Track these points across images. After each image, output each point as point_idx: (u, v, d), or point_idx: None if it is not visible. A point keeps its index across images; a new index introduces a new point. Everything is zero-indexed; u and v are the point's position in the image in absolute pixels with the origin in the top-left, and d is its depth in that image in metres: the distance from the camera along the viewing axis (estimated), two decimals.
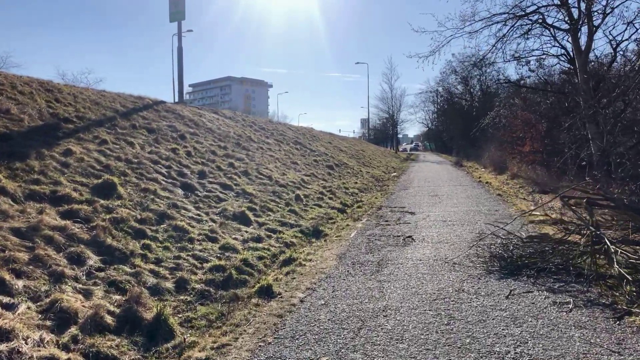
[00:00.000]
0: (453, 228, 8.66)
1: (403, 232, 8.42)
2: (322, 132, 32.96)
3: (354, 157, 26.53)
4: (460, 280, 5.39)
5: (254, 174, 12.22)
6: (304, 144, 21.21)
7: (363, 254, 6.83)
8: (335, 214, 11.04)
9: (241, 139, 15.80)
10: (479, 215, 10.07)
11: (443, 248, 7.04)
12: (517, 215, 8.17)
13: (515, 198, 13.17)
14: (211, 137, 14.19)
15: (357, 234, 8.46)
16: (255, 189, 10.98)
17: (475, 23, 15.17)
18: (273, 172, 13.31)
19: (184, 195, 8.79)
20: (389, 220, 9.82)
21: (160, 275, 5.48)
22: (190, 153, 11.58)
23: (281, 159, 16.03)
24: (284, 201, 10.82)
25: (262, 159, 14.43)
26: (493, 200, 12.65)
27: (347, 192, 14.77)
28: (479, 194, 13.92)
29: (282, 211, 9.92)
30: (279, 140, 19.46)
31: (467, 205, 11.69)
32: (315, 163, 18.30)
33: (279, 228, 8.62)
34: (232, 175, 11.17)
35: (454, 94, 48.02)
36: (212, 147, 13.03)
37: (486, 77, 37.02)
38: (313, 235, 8.83)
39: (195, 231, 7.09)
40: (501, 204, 11.91)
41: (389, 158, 38.23)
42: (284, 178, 13.21)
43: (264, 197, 10.47)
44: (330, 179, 16.28)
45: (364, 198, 14.02)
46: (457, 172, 23.88)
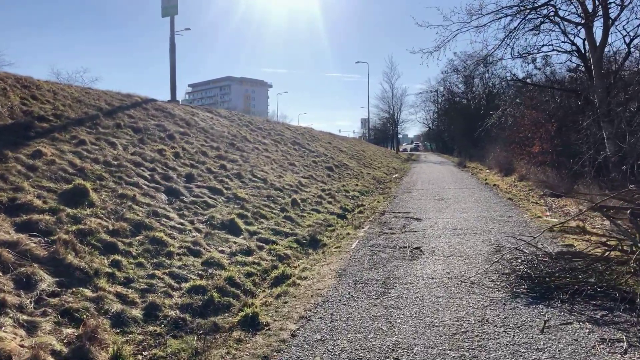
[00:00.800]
0: (465, 238, 7.82)
1: (410, 243, 7.59)
2: (321, 132, 32.13)
3: (355, 157, 25.71)
4: (482, 306, 4.55)
5: (247, 177, 11.39)
6: (302, 145, 20.38)
7: (366, 270, 5.99)
8: (335, 220, 10.20)
9: (236, 139, 14.97)
10: (491, 222, 9.24)
11: (457, 263, 6.21)
12: (546, 227, 7.23)
13: (527, 202, 12.35)
14: (203, 137, 13.36)
15: (358, 244, 7.62)
16: (248, 193, 10.15)
17: (483, 17, 14.36)
18: (268, 175, 12.48)
19: (168, 201, 7.95)
20: (394, 228, 8.99)
21: (127, 299, 4.64)
22: (179, 154, 10.75)
23: (278, 160, 15.20)
24: (279, 206, 9.99)
25: (258, 161, 13.60)
26: (504, 204, 11.82)
27: (348, 195, 13.93)
28: (488, 198, 13.09)
29: (276, 218, 9.09)
30: (276, 140, 18.63)
31: (476, 210, 10.86)
32: (314, 164, 17.47)
33: (273, 238, 7.79)
34: (223, 179, 10.34)
35: (455, 94, 47.22)
36: (204, 148, 12.20)
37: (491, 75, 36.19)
38: (310, 245, 7.99)
39: (175, 244, 6.25)
40: (513, 208, 11.08)
41: (390, 158, 37.40)
42: (280, 181, 12.38)
43: (257, 202, 9.64)
44: (330, 181, 15.45)
45: (366, 202, 13.19)
46: (461, 173, 23.05)
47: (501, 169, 20.64)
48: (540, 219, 9.46)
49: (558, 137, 16.50)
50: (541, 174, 15.99)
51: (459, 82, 44.46)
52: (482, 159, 27.84)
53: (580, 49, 16.72)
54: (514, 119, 19.80)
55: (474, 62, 15.35)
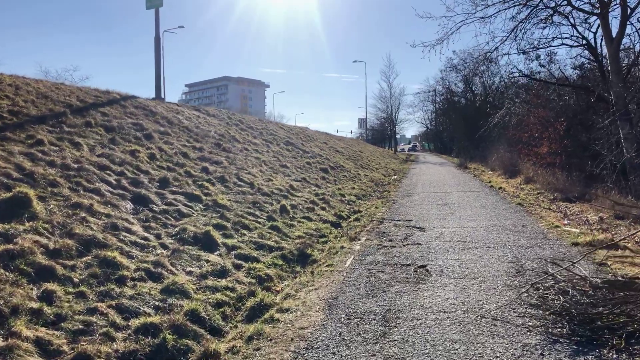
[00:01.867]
0: (477, 253, 6.77)
1: (413, 259, 6.53)
2: (317, 132, 31.06)
3: (351, 158, 24.65)
4: (512, 356, 3.49)
5: (232, 181, 10.31)
6: (296, 145, 19.30)
7: (362, 299, 4.93)
8: (328, 229, 9.13)
9: (223, 139, 13.88)
10: (504, 232, 8.19)
11: (471, 288, 5.15)
12: (588, 250, 6.03)
13: (539, 208, 11.30)
14: (185, 137, 12.27)
15: (354, 261, 6.55)
16: (231, 199, 9.07)
17: (488, 7, 13.36)
18: (256, 178, 11.40)
19: (133, 210, 6.87)
20: (394, 240, 7.93)
21: (50, 348, 3.56)
22: (154, 156, 9.66)
23: (269, 161, 14.12)
24: (265, 214, 8.91)
25: (245, 162, 12.51)
26: (514, 210, 10.77)
27: (343, 200, 12.86)
28: (495, 203, 12.05)
29: (261, 228, 8.01)
30: (268, 140, 17.55)
31: (485, 217, 9.81)
32: (308, 166, 16.40)
33: (254, 253, 6.71)
34: (203, 183, 9.26)
35: (455, 93, 46.25)
36: (185, 149, 11.11)
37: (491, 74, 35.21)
38: (298, 261, 6.92)
39: (131, 265, 5.17)
40: (525, 216, 10.03)
41: (388, 159, 36.36)
42: (270, 184, 11.30)
43: (240, 210, 8.56)
44: (324, 185, 14.38)
45: (363, 207, 12.12)
46: (463, 175, 22.01)
47: (505, 171, 19.60)
48: (558, 229, 8.41)
49: (568, 137, 15.49)
50: (550, 176, 14.96)
51: (459, 80, 43.55)
52: (484, 159, 26.83)
53: (591, 43, 15.75)
54: (518, 118, 18.80)
55: (478, 57, 14.31)
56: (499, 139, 24.95)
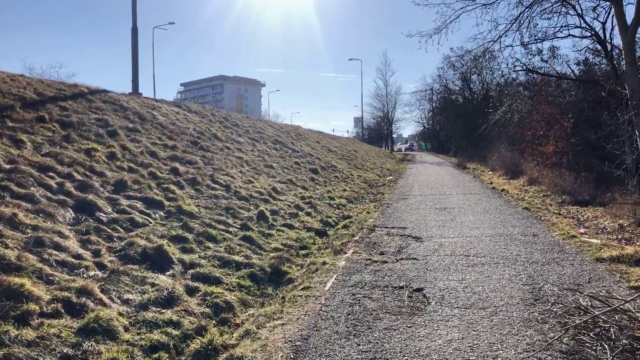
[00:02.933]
0: (483, 271, 5.66)
1: (408, 280, 5.42)
2: (310, 131, 29.94)
3: (345, 158, 23.53)
4: None
5: (205, 183, 9.17)
6: (285, 144, 18.17)
7: (340, 340, 3.81)
8: (312, 239, 8.01)
9: (202, 137, 12.74)
10: (513, 243, 7.09)
11: (481, 323, 4.04)
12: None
13: (547, 212, 10.22)
14: (158, 135, 11.12)
15: (336, 282, 5.43)
16: (201, 204, 7.93)
17: None
18: (235, 180, 10.26)
19: (73, 220, 5.73)
20: (386, 253, 6.81)
21: None
22: (114, 155, 8.51)
23: (252, 161, 12.98)
24: (239, 222, 7.78)
25: (224, 163, 11.37)
26: (520, 216, 9.67)
27: (333, 203, 11.74)
28: (499, 207, 10.95)
29: (231, 240, 6.87)
30: (254, 139, 16.41)
31: (489, 225, 8.72)
32: (296, 166, 15.27)
33: (217, 272, 5.57)
34: (169, 186, 8.11)
35: (452, 91, 45.23)
36: (154, 147, 9.96)
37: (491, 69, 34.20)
38: (270, 281, 5.79)
39: (46, 295, 4.03)
40: (535, 222, 8.93)
41: (384, 159, 35.28)
42: (249, 187, 10.16)
43: (209, 218, 7.42)
44: (313, 187, 13.25)
45: (354, 212, 11.00)
46: (462, 175, 20.94)
47: (507, 171, 18.53)
48: (575, 239, 7.32)
49: (575, 135, 14.41)
50: (557, 177, 13.88)
51: (456, 78, 42.54)
52: (484, 159, 25.78)
53: (599, 34, 14.70)
54: (521, 115, 17.73)
55: (478, 48, 13.21)
56: (499, 137, 23.90)
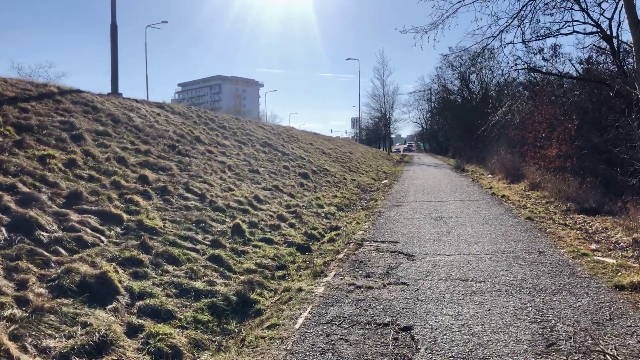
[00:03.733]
0: (484, 303, 4.83)
1: (394, 314, 4.59)
2: (304, 132, 29.13)
3: (339, 160, 22.70)
4: None
5: (177, 192, 8.32)
6: (275, 146, 17.33)
7: None
8: (292, 257, 7.17)
9: (181, 141, 11.89)
10: (516, 263, 6.26)
11: None
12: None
13: (553, 223, 9.40)
14: (131, 138, 10.27)
15: (310, 317, 4.59)
16: (167, 217, 7.09)
17: None
18: (212, 188, 9.42)
19: (4, 243, 4.88)
20: (372, 275, 5.98)
21: None
22: (74, 162, 7.66)
23: (236, 166, 12.15)
24: (210, 237, 6.94)
25: (203, 168, 10.53)
26: (523, 227, 8.85)
27: (321, 212, 10.90)
28: (500, 216, 10.13)
29: (196, 261, 6.03)
30: (241, 141, 15.58)
31: (490, 238, 7.89)
32: (285, 171, 14.43)
33: (170, 304, 4.73)
34: (133, 196, 7.27)
35: (451, 91, 44.47)
36: (124, 153, 9.12)
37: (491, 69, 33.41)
38: (235, 313, 4.95)
39: None
40: (539, 236, 8.11)
41: (380, 161, 34.46)
42: (228, 196, 9.32)
43: (174, 234, 6.58)
44: (301, 193, 12.42)
45: (342, 222, 10.16)
46: (460, 179, 20.12)
47: (507, 175, 17.71)
48: (586, 258, 6.49)
49: (579, 137, 13.61)
50: (560, 182, 13.07)
51: (455, 78, 41.79)
52: (483, 161, 24.97)
53: (605, 31, 13.90)
54: (522, 116, 16.92)
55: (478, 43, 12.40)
56: (498, 139, 23.11)
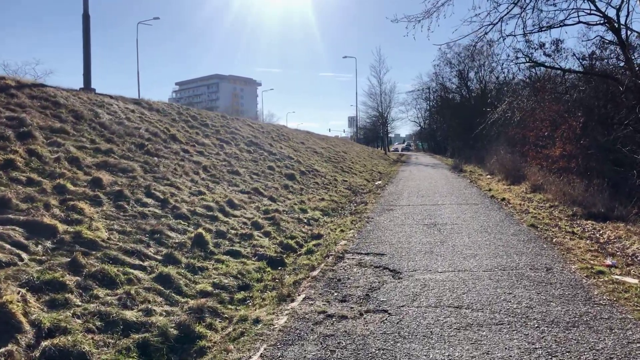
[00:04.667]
0: (481, 339, 3.87)
1: (368, 357, 3.62)
2: (296, 131, 28.17)
3: (331, 160, 21.72)
4: None
5: (135, 197, 7.34)
6: (261, 145, 16.35)
7: None
8: (259, 274, 6.18)
9: (153, 139, 10.91)
10: (520, 284, 5.30)
11: None
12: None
13: (559, 231, 8.44)
14: (92, 136, 9.28)
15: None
16: (116, 228, 6.11)
17: None
18: (180, 192, 8.45)
19: None
20: (349, 299, 5.01)
21: None
22: (12, 163, 6.67)
23: (213, 167, 11.17)
24: (164, 251, 5.97)
25: (173, 170, 9.55)
26: (527, 237, 7.89)
27: (303, 218, 9.93)
28: (500, 223, 9.18)
29: (139, 282, 5.04)
30: (225, 140, 14.60)
31: (489, 251, 6.93)
32: (269, 171, 13.46)
33: (86, 344, 3.73)
34: (77, 203, 6.28)
35: (449, 89, 43.53)
36: (79, 153, 8.13)
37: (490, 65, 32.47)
38: (171, 353, 3.96)
39: None
40: (545, 247, 7.14)
41: (376, 160, 33.49)
42: (196, 201, 8.34)
43: (118, 248, 5.60)
44: (284, 196, 11.44)
45: (326, 229, 9.19)
46: (458, 180, 19.16)
47: (507, 176, 16.76)
48: (603, 277, 5.53)
49: (585, 135, 12.65)
50: (565, 184, 12.12)
51: (453, 76, 40.86)
52: (481, 161, 24.04)
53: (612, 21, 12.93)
54: (523, 113, 15.96)
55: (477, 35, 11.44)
56: (497, 138, 22.18)
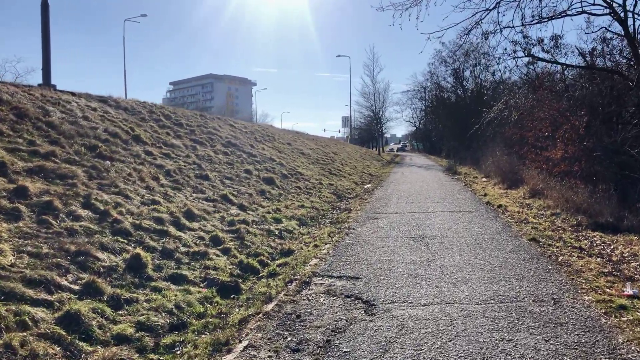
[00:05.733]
0: None
1: None
2: (284, 131, 27.07)
3: (319, 162, 20.60)
4: None
5: (67, 210, 6.20)
6: (240, 147, 15.21)
7: None
8: (203, 306, 5.04)
9: (110, 141, 9.76)
10: (521, 324, 4.21)
11: None
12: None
13: (564, 246, 7.38)
14: (32, 137, 8.13)
15: None
16: (29, 249, 4.97)
17: None
18: (128, 202, 7.31)
19: None
20: (304, 347, 3.91)
21: None
22: None
23: (179, 171, 10.04)
24: (84, 278, 4.83)
25: (127, 175, 8.41)
26: (527, 255, 6.81)
27: (276, 229, 8.81)
28: (497, 235, 8.10)
29: (35, 325, 3.89)
30: (199, 141, 13.46)
31: (483, 274, 5.84)
32: (245, 175, 12.33)
33: None
34: None
35: (444, 88, 42.55)
36: (9, 156, 6.99)
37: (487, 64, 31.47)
38: None
39: None
40: (550, 269, 6.06)
41: (369, 162, 32.41)
42: (145, 212, 7.20)
43: (21, 278, 4.45)
44: (257, 204, 10.31)
45: (298, 244, 8.08)
46: (451, 183, 18.09)
47: (503, 179, 15.72)
48: (625, 314, 4.45)
49: (589, 136, 11.60)
50: (567, 189, 11.07)
51: (448, 75, 39.86)
52: (477, 162, 23.02)
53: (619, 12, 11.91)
54: (520, 112, 14.91)
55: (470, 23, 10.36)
56: (494, 138, 21.15)
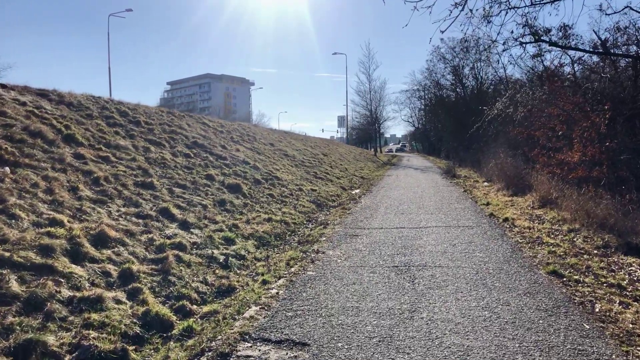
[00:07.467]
0: None
1: None
2: (270, 130, 25.18)
3: (304, 165, 18.71)
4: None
5: None
6: (208, 148, 13.33)
7: None
8: None
9: (27, 141, 7.91)
10: None
11: None
12: None
13: (595, 281, 5.51)
14: None
15: None
16: None
17: None
18: (12, 224, 5.43)
19: None
20: None
21: None
22: None
23: (113, 178, 8.17)
24: None
25: (33, 185, 6.53)
26: (550, 300, 4.94)
27: (221, 255, 6.91)
28: (505, 265, 6.23)
29: None
30: (155, 141, 11.58)
31: (489, 338, 4.00)
32: (205, 182, 10.45)
33: None
34: None
35: (443, 86, 40.75)
36: None
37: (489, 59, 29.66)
38: None
39: None
40: (589, 331, 4.19)
41: (362, 163, 30.51)
42: (34, 237, 5.31)
43: None
44: (211, 218, 8.42)
45: (245, 278, 6.20)
46: (449, 188, 16.20)
47: (508, 184, 13.85)
48: None
49: (612, 136, 9.71)
50: (586, 200, 9.19)
51: (447, 72, 38.08)
52: (477, 164, 21.17)
53: None
54: (527, 109, 13.04)
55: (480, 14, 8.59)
56: (496, 138, 19.31)
